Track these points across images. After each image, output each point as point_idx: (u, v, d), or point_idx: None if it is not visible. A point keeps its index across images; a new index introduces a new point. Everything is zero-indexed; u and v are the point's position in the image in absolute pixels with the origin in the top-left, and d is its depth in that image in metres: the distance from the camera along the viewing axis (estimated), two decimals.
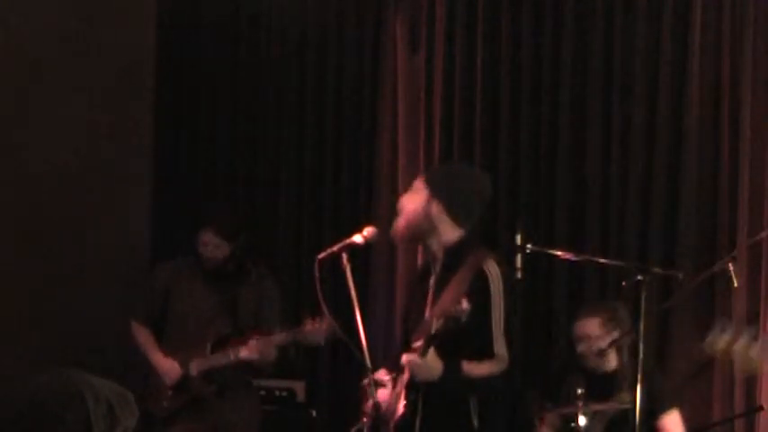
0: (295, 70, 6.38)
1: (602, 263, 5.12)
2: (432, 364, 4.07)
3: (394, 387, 4.28)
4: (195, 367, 5.30)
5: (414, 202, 4.34)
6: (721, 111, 5.25)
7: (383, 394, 4.28)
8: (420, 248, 5.10)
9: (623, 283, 4.91)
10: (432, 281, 4.32)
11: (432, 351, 4.07)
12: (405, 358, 4.14)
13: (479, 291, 4.11)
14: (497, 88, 5.75)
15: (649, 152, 5.39)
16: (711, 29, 5.28)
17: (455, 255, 4.25)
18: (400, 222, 4.38)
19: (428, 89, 5.95)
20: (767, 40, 5.20)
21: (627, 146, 5.44)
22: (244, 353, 5.19)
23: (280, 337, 5.16)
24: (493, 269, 4.17)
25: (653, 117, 5.39)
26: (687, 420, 4.84)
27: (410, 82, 6.02)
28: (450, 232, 4.31)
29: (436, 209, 4.29)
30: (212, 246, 5.37)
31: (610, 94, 5.49)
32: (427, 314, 4.25)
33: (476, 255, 4.21)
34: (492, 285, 4.15)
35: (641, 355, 4.25)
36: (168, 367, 5.34)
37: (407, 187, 4.56)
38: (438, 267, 4.32)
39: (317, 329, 4.98)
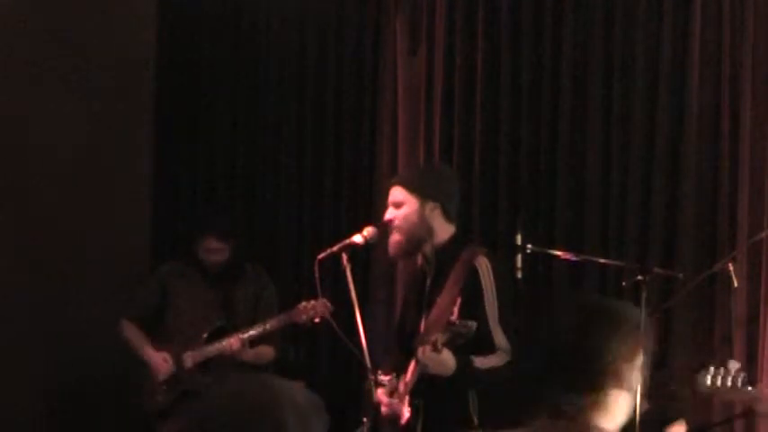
0: (295, 70, 6.38)
1: (602, 263, 5.11)
2: (446, 359, 4.07)
3: (395, 390, 4.28)
4: (190, 359, 5.32)
5: (404, 212, 4.33)
6: (721, 111, 5.25)
7: (382, 395, 4.29)
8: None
9: (623, 283, 4.91)
10: (428, 283, 4.34)
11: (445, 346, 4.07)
12: (420, 352, 4.13)
13: (471, 286, 4.13)
14: (497, 88, 5.75)
15: (649, 152, 5.39)
16: (711, 29, 5.28)
17: (448, 253, 4.27)
18: (395, 237, 4.37)
19: (428, 89, 5.95)
20: (767, 40, 5.19)
21: (627, 145, 5.44)
22: (238, 342, 5.20)
23: (275, 322, 5.19)
24: (483, 263, 4.20)
25: (653, 117, 5.39)
26: (687, 421, 4.83)
27: (410, 82, 6.02)
28: (443, 231, 4.34)
29: (430, 211, 4.30)
30: (215, 250, 5.43)
31: (610, 94, 5.49)
32: (424, 316, 4.26)
33: (467, 251, 4.24)
34: (483, 279, 4.17)
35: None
36: (160, 361, 5.36)
37: None
38: (432, 269, 4.33)
39: (311, 308, 5.01)
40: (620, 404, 2.45)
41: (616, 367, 2.42)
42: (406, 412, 4.23)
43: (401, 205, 4.35)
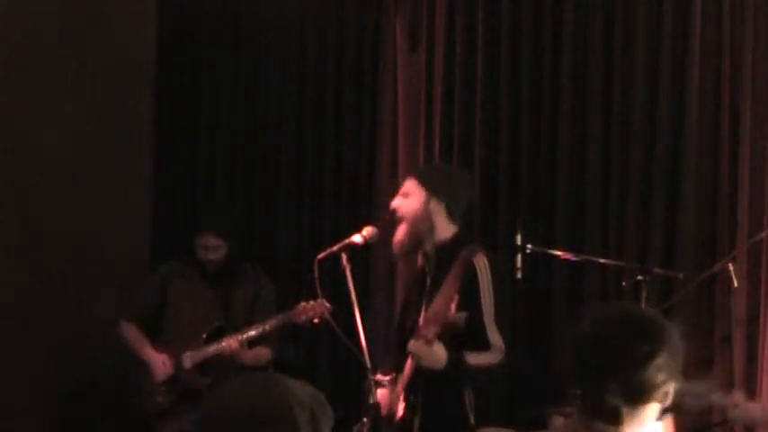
0: (295, 70, 6.38)
1: (602, 263, 5.12)
2: (438, 352, 4.09)
3: (393, 388, 4.29)
4: (189, 359, 5.32)
5: (411, 204, 4.37)
6: (721, 111, 5.25)
7: (382, 395, 4.30)
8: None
9: (623, 283, 4.91)
10: (428, 281, 4.36)
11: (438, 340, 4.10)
12: (411, 344, 4.16)
13: (469, 283, 4.16)
14: (497, 88, 5.75)
15: (649, 152, 5.39)
16: (711, 29, 5.28)
17: (448, 252, 4.29)
18: (400, 231, 4.40)
19: (428, 88, 5.95)
20: (767, 40, 5.19)
21: (627, 146, 5.44)
22: (236, 343, 5.20)
23: (274, 322, 5.19)
24: (482, 262, 4.23)
25: (653, 117, 5.39)
26: (687, 421, 4.83)
27: (410, 81, 6.02)
28: (444, 230, 4.36)
29: (435, 207, 4.33)
30: (213, 248, 5.42)
31: (610, 94, 5.49)
32: (423, 313, 4.28)
33: (466, 249, 4.26)
34: (480, 277, 4.20)
35: None
36: (159, 362, 5.36)
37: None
38: (432, 268, 4.35)
39: (310, 308, 5.01)
40: (652, 417, 2.45)
41: (663, 383, 2.42)
42: (401, 408, 4.25)
43: (409, 195, 4.41)
